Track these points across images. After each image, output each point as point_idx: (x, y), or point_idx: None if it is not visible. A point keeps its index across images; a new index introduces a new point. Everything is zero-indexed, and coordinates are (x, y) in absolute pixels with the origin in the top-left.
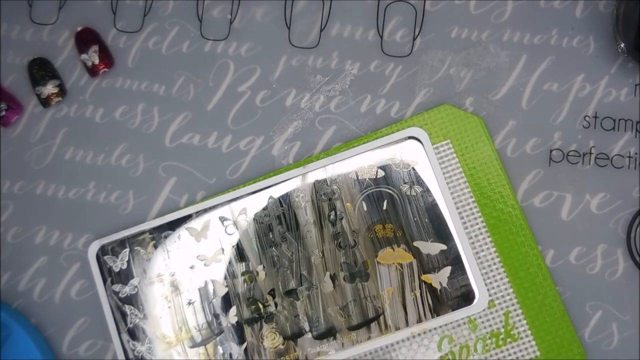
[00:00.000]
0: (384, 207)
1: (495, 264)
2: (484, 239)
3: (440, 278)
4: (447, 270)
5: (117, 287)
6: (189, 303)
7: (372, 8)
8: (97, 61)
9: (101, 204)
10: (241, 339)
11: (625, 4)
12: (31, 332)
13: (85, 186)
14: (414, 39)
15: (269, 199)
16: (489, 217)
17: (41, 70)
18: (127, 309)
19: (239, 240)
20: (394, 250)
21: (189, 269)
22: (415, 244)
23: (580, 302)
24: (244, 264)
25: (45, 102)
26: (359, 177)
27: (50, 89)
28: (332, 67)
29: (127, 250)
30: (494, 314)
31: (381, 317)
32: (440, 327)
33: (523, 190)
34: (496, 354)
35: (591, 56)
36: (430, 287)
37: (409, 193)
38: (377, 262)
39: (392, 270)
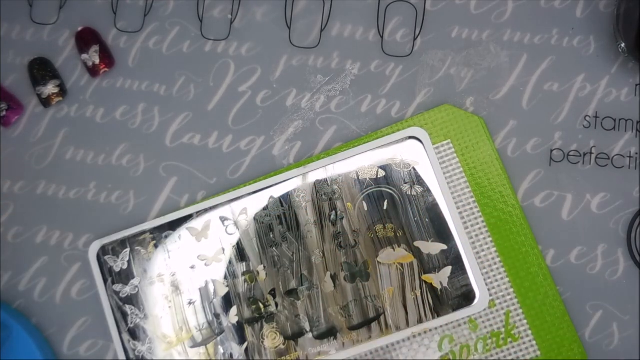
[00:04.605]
0: (385, 207)
1: (495, 263)
2: (484, 238)
3: (441, 278)
4: (448, 270)
5: (117, 287)
6: (190, 303)
7: (373, 8)
8: (97, 61)
9: (102, 204)
10: (242, 339)
11: (626, 4)
12: (32, 332)
13: (86, 186)
14: (415, 39)
15: (270, 198)
16: (490, 217)
17: (42, 70)
18: (128, 308)
19: (240, 240)
20: (394, 250)
21: (189, 268)
22: (415, 243)
23: (580, 302)
24: (244, 263)
25: (45, 102)
26: (360, 177)
27: (50, 89)
28: (333, 67)
29: (127, 250)
30: (494, 313)
31: (382, 317)
32: (441, 326)
33: (524, 190)
34: (497, 353)
35: (592, 56)
36: (430, 287)
37: (409, 193)
38: (378, 262)
39: (393, 270)
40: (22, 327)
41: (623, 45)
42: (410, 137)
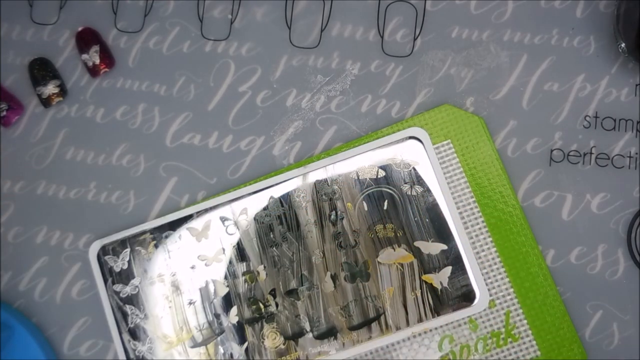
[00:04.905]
0: (385, 207)
1: (495, 263)
2: (484, 238)
3: (441, 278)
4: (448, 270)
5: (118, 287)
6: (190, 303)
7: (373, 8)
8: (97, 61)
9: (102, 204)
10: (242, 339)
11: (626, 4)
12: (33, 331)
13: (86, 186)
14: (415, 39)
15: (270, 199)
16: (490, 217)
17: (42, 70)
18: (128, 308)
19: (240, 240)
20: (394, 250)
21: (189, 268)
22: (416, 243)
23: (580, 301)
24: (244, 263)
25: (46, 102)
26: (360, 177)
27: (51, 89)
28: (333, 67)
29: (128, 250)
30: (494, 313)
31: (382, 317)
32: (441, 326)
33: (524, 190)
34: (497, 353)
35: (592, 56)
36: (431, 287)
37: (409, 193)
38: (378, 262)
39: (393, 270)
40: (23, 327)
41: (623, 45)
42: (410, 137)
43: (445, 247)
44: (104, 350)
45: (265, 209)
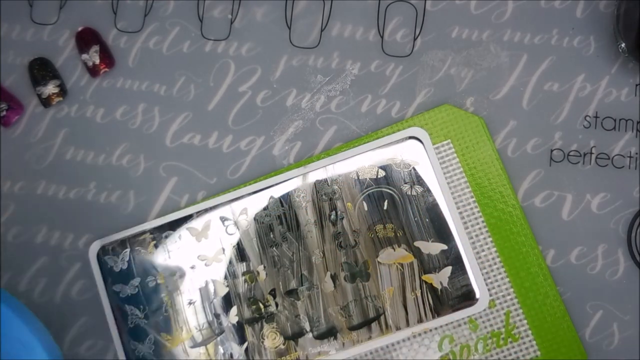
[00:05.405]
0: (385, 207)
1: (495, 263)
2: (484, 238)
3: (441, 278)
4: (448, 270)
5: (117, 287)
6: (190, 303)
7: (373, 8)
8: (97, 61)
9: (102, 204)
10: (242, 339)
11: (626, 4)
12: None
13: (86, 186)
14: (415, 39)
15: (270, 199)
16: (490, 217)
17: (42, 70)
18: (128, 309)
19: (240, 240)
20: (394, 250)
21: (189, 268)
22: (416, 243)
23: (580, 302)
24: (244, 263)
25: (45, 102)
26: (360, 177)
27: (51, 89)
28: (333, 67)
29: (127, 250)
30: (494, 313)
31: (382, 317)
32: (441, 327)
33: (524, 190)
34: (497, 353)
35: (592, 56)
36: (431, 287)
37: (409, 193)
38: (378, 262)
39: (393, 270)
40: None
41: (623, 45)
42: (410, 137)
43: (445, 247)
44: (104, 350)
45: (265, 209)
